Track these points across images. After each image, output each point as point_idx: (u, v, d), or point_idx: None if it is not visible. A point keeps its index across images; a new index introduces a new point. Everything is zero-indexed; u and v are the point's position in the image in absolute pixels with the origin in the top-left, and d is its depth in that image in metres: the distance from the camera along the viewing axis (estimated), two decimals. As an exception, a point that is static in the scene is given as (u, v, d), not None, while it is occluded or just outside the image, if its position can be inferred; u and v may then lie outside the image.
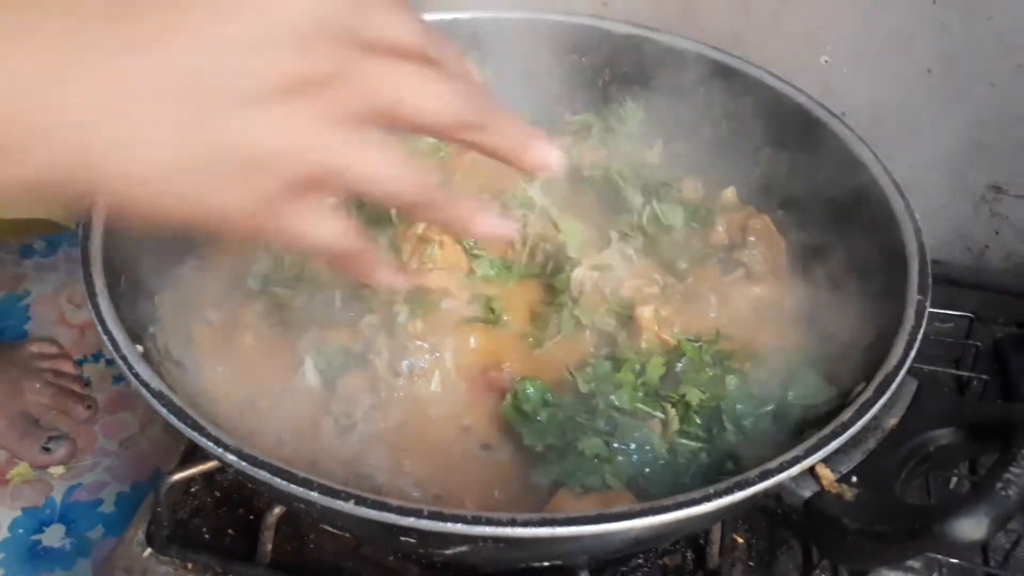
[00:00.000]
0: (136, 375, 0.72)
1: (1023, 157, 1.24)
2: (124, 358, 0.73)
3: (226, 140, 0.43)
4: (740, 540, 1.00)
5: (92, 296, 0.78)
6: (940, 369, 1.15)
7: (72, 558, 1.28)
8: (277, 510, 0.95)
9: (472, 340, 0.99)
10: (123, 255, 0.89)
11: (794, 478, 0.68)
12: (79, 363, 1.54)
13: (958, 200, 1.32)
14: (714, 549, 0.96)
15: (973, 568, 0.97)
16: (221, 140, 0.43)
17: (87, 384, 1.51)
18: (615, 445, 0.80)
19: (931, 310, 0.82)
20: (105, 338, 0.75)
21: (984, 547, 0.98)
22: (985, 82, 1.19)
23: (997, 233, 1.34)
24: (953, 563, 0.95)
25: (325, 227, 0.50)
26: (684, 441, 0.81)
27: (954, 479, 1.07)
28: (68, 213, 1.39)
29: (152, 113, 0.42)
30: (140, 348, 0.77)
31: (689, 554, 0.97)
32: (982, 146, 1.26)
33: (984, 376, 1.14)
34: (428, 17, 1.21)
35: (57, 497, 1.34)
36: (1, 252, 1.71)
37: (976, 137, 1.25)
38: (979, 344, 1.16)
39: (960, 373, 1.15)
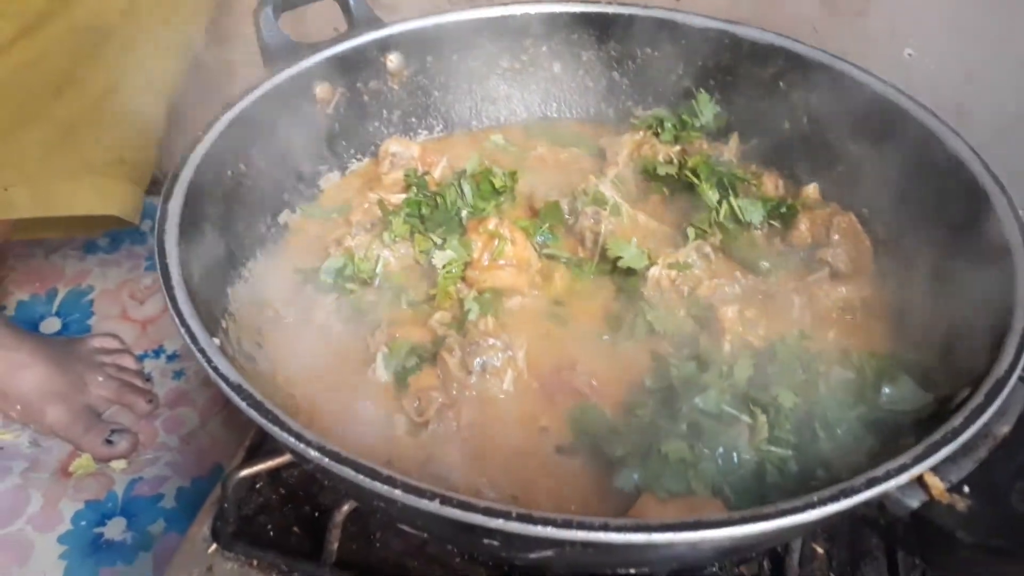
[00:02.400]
0: (215, 368, 0.71)
1: (1121, 154, 1.17)
2: (202, 351, 0.72)
3: None
4: (820, 550, 0.95)
5: (169, 289, 0.77)
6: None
7: (133, 552, 1.28)
8: (345, 508, 0.94)
9: (544, 338, 0.97)
10: (197, 249, 0.89)
11: (901, 487, 0.64)
12: (140, 358, 1.54)
13: (1047, 201, 1.26)
14: (793, 559, 0.92)
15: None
16: None
17: (148, 379, 1.51)
18: (701, 450, 0.76)
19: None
20: (183, 331, 0.74)
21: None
22: (1081, 76, 1.14)
23: (1088, 236, 1.27)
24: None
25: None
26: (773, 448, 0.77)
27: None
28: (136, 210, 1.40)
29: None
30: (216, 341, 0.75)
31: (767, 564, 0.93)
32: (1075, 144, 1.19)
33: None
34: (498, 11, 1.20)
35: (119, 491, 1.34)
36: (66, 248, 1.74)
37: (1068, 134, 1.19)
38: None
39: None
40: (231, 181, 1.01)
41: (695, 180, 1.06)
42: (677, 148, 1.15)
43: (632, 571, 0.74)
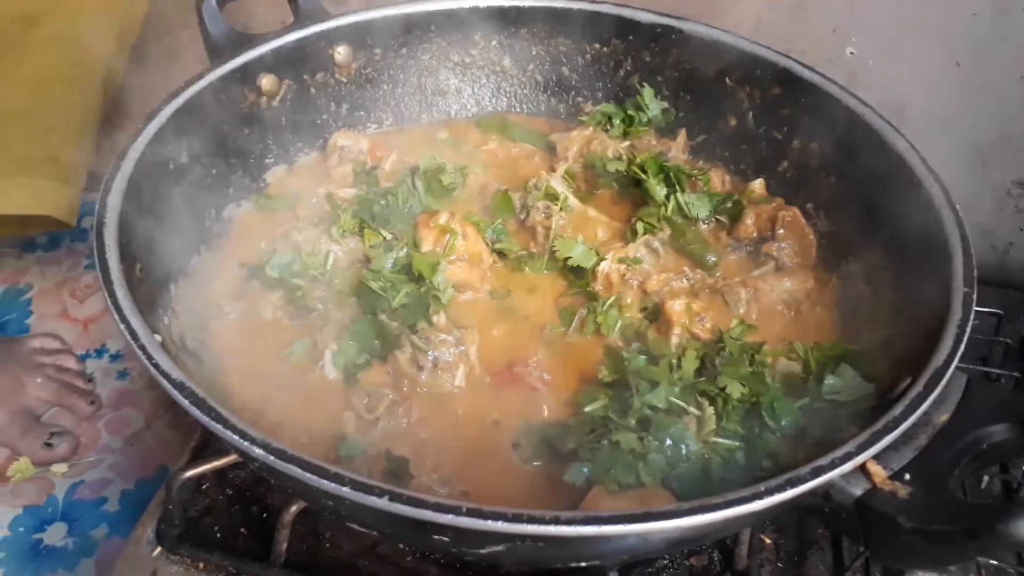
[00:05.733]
0: (156, 365, 0.69)
1: (1051, 152, 1.22)
2: (143, 347, 0.70)
3: None
4: (768, 541, 0.97)
5: (108, 284, 0.75)
6: (969, 366, 1.12)
7: (75, 557, 1.24)
8: (294, 508, 0.92)
9: (496, 333, 0.96)
10: (138, 244, 0.86)
11: (845, 475, 0.65)
12: (82, 358, 1.50)
13: (983, 196, 1.30)
14: (742, 550, 0.93)
15: (1007, 568, 0.95)
16: None
17: (90, 380, 1.47)
18: (650, 442, 0.77)
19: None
20: (123, 327, 0.72)
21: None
22: (1014, 75, 1.17)
23: (1022, 230, 1.31)
24: (990, 564, 0.93)
25: None
26: (721, 440, 0.78)
27: (985, 478, 1.05)
28: (71, 211, 1.35)
29: None
30: (159, 338, 0.73)
31: (716, 555, 0.95)
32: (1009, 141, 1.23)
33: (1014, 373, 1.11)
34: (447, 4, 1.19)
35: (59, 495, 1.31)
36: (3, 246, 1.68)
37: (1003, 132, 1.23)
38: (1008, 341, 1.14)
39: (989, 370, 1.13)
40: (174, 174, 0.99)
41: (643, 176, 1.06)
42: (626, 144, 1.15)
43: (583, 564, 0.74)
